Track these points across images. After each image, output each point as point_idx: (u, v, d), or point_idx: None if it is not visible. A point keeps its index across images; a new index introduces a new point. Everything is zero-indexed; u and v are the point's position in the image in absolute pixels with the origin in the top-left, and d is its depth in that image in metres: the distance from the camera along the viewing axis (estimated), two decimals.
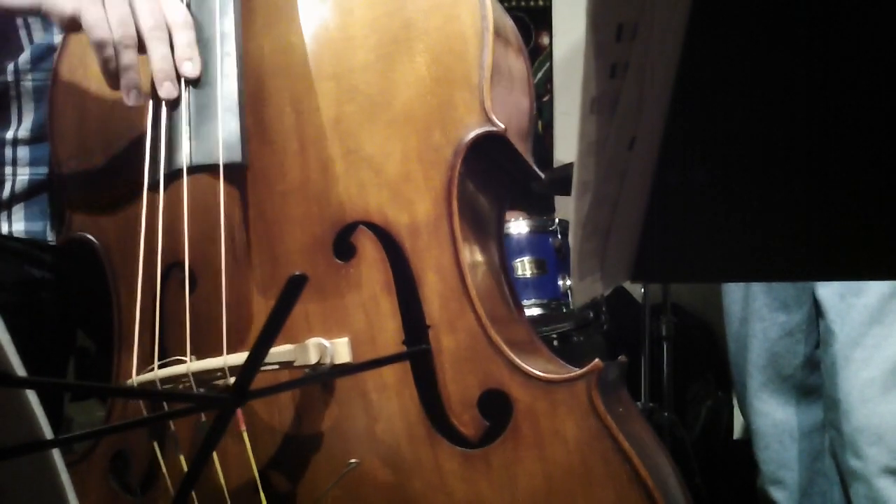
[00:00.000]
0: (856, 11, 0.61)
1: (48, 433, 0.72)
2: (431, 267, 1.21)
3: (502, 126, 1.20)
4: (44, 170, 1.44)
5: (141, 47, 1.20)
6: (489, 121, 1.20)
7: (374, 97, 1.24)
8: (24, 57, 1.41)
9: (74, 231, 1.36)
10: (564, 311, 2.26)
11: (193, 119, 1.22)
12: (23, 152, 1.44)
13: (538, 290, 2.23)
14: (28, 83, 1.42)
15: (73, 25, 1.19)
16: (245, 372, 0.69)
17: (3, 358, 0.69)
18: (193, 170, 1.22)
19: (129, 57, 1.18)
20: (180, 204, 1.22)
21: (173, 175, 1.22)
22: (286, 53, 1.27)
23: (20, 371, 0.71)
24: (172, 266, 1.26)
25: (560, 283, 2.23)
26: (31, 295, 1.46)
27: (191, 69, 1.21)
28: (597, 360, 1.15)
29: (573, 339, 2.48)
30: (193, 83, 1.23)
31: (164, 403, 1.26)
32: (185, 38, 1.21)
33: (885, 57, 0.62)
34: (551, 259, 2.25)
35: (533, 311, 2.23)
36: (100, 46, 1.18)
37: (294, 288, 0.66)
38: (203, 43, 1.23)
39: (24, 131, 1.43)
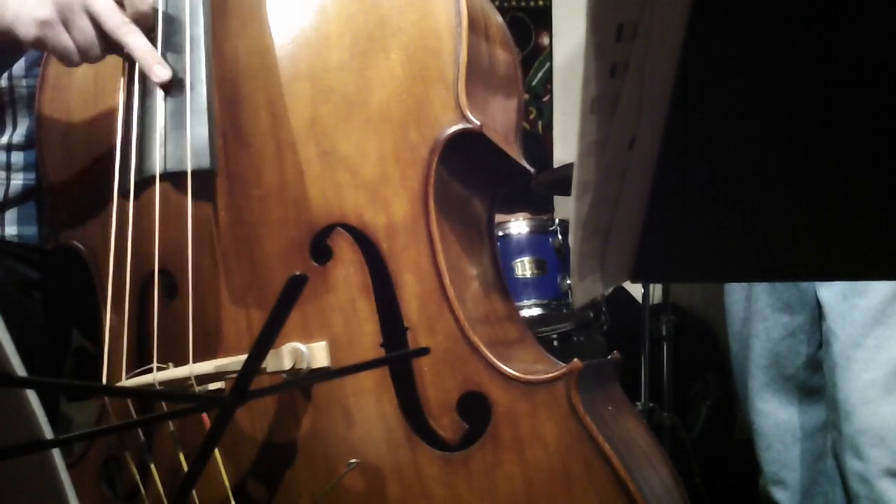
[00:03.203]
0: (856, 11, 0.61)
1: (48, 433, 0.72)
2: (409, 268, 1.20)
3: (478, 123, 1.19)
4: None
5: (112, 47, 1.20)
6: (464, 118, 1.19)
7: (350, 97, 1.22)
8: (18, 64, 1.42)
9: (62, 238, 1.36)
10: (564, 311, 2.26)
11: (166, 126, 1.21)
12: (17, 157, 1.44)
13: (538, 290, 2.23)
14: (22, 90, 1.43)
15: (38, 46, 1.21)
16: (244, 372, 0.69)
17: (3, 358, 0.69)
18: (166, 176, 1.21)
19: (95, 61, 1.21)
20: (160, 211, 1.21)
21: (147, 182, 1.22)
22: (261, 55, 1.25)
23: (20, 371, 0.71)
24: (158, 271, 1.24)
25: (560, 283, 2.23)
26: (25, 295, 1.46)
27: (162, 73, 1.20)
28: (575, 360, 1.14)
29: (573, 339, 2.48)
30: (166, 88, 1.22)
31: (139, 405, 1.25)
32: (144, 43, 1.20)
33: (886, 56, 0.62)
34: (551, 259, 2.25)
35: (533, 311, 2.22)
36: (68, 65, 1.21)
37: (294, 288, 0.66)
38: (174, 49, 1.22)
39: (18, 137, 1.44)
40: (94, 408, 1.29)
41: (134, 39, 1.18)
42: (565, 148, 3.43)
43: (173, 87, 1.21)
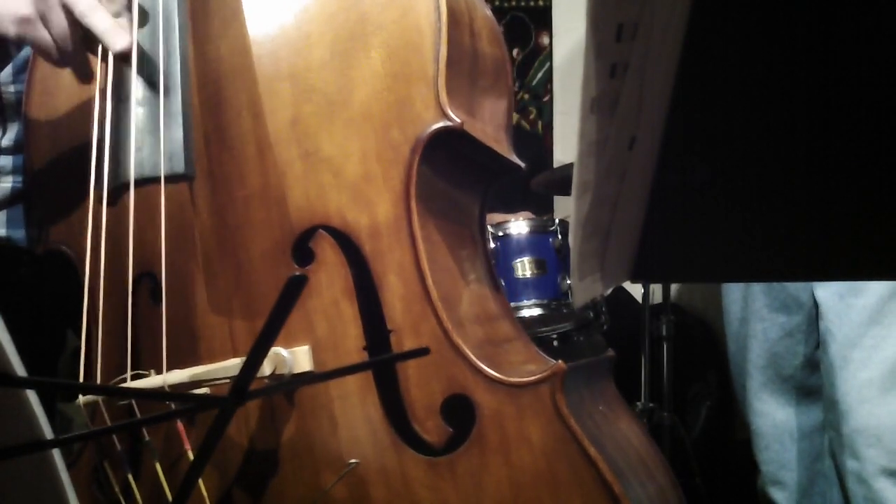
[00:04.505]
0: (856, 11, 0.61)
1: (48, 433, 0.72)
2: (392, 269, 1.18)
3: (459, 121, 1.17)
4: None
5: (87, 41, 1.20)
6: (445, 116, 1.17)
7: (332, 96, 1.20)
8: (6, 70, 1.42)
9: (51, 242, 1.35)
10: (564, 311, 2.26)
11: (142, 130, 1.20)
12: (5, 161, 1.45)
13: (538, 290, 2.23)
14: (10, 95, 1.43)
15: (20, 42, 1.22)
16: (244, 372, 0.69)
17: (3, 358, 0.69)
18: (143, 181, 1.20)
19: (76, 63, 1.21)
20: (143, 214, 1.21)
21: (125, 187, 1.20)
22: (242, 55, 1.24)
23: (20, 371, 0.71)
24: (144, 275, 1.24)
25: (560, 283, 2.23)
26: (15, 294, 1.46)
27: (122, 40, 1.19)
28: (559, 361, 1.13)
29: (573, 338, 2.48)
30: (146, 89, 1.21)
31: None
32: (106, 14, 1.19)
33: (886, 56, 0.62)
34: (551, 259, 2.25)
35: (533, 311, 2.22)
36: (51, 62, 1.21)
37: (293, 289, 0.66)
38: (151, 52, 1.21)
39: (6, 141, 1.44)
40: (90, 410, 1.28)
41: (96, 17, 1.17)
42: (565, 148, 3.42)
43: (147, 87, 1.21)
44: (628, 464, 1.18)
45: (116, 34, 1.18)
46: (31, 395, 0.72)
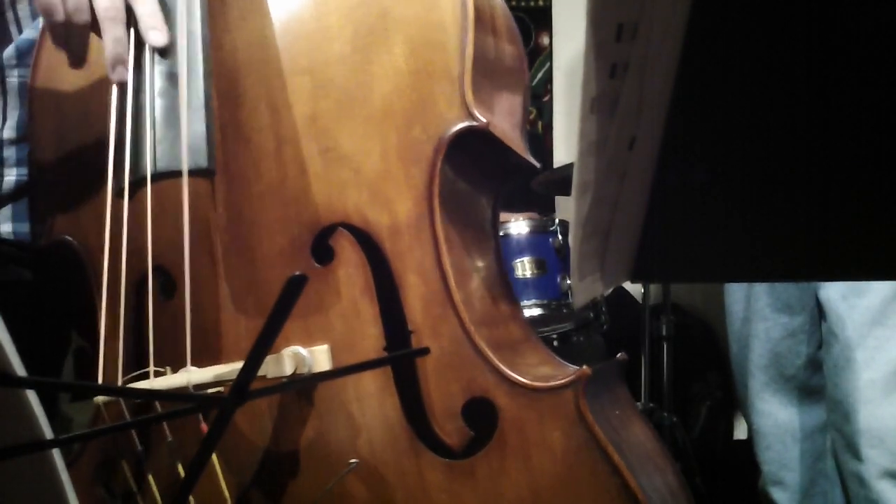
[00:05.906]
0: (856, 11, 0.61)
1: (48, 433, 0.72)
2: (413, 269, 1.16)
3: (484, 121, 1.15)
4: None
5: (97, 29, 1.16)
6: (471, 115, 1.15)
7: (351, 92, 1.18)
8: (9, 52, 1.38)
9: (56, 234, 1.33)
10: (564, 311, 2.26)
11: (160, 123, 1.17)
12: (9, 152, 1.41)
13: (538, 290, 2.23)
14: (14, 79, 1.39)
15: None
16: (244, 373, 0.69)
17: (3, 358, 0.69)
18: (161, 175, 1.17)
19: (77, 39, 1.16)
20: (157, 208, 1.18)
21: (142, 181, 1.18)
22: (261, 48, 1.21)
23: (20, 371, 0.71)
24: (154, 269, 1.21)
25: (560, 283, 2.23)
26: (18, 295, 1.44)
27: (158, 38, 1.16)
28: (584, 366, 1.11)
29: (573, 339, 2.48)
30: (162, 79, 1.18)
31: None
32: (147, 8, 1.16)
33: (886, 56, 0.62)
34: (551, 259, 2.25)
35: (533, 311, 2.23)
36: (52, 26, 1.15)
37: (293, 289, 0.66)
38: (172, 40, 1.18)
39: (9, 130, 1.41)
40: (91, 409, 1.28)
41: (109, 28, 1.14)
42: (565, 148, 3.43)
43: (167, 78, 1.18)
44: (644, 469, 1.17)
45: (156, 24, 1.15)
46: (31, 395, 0.72)
